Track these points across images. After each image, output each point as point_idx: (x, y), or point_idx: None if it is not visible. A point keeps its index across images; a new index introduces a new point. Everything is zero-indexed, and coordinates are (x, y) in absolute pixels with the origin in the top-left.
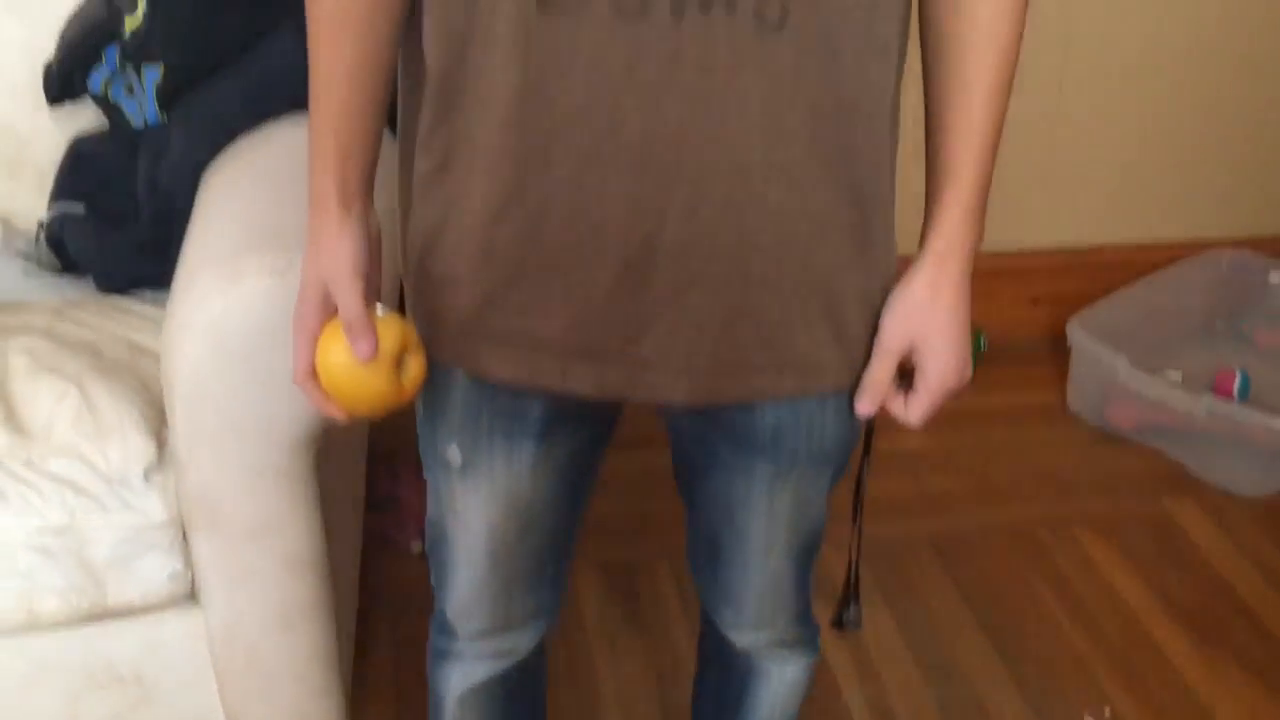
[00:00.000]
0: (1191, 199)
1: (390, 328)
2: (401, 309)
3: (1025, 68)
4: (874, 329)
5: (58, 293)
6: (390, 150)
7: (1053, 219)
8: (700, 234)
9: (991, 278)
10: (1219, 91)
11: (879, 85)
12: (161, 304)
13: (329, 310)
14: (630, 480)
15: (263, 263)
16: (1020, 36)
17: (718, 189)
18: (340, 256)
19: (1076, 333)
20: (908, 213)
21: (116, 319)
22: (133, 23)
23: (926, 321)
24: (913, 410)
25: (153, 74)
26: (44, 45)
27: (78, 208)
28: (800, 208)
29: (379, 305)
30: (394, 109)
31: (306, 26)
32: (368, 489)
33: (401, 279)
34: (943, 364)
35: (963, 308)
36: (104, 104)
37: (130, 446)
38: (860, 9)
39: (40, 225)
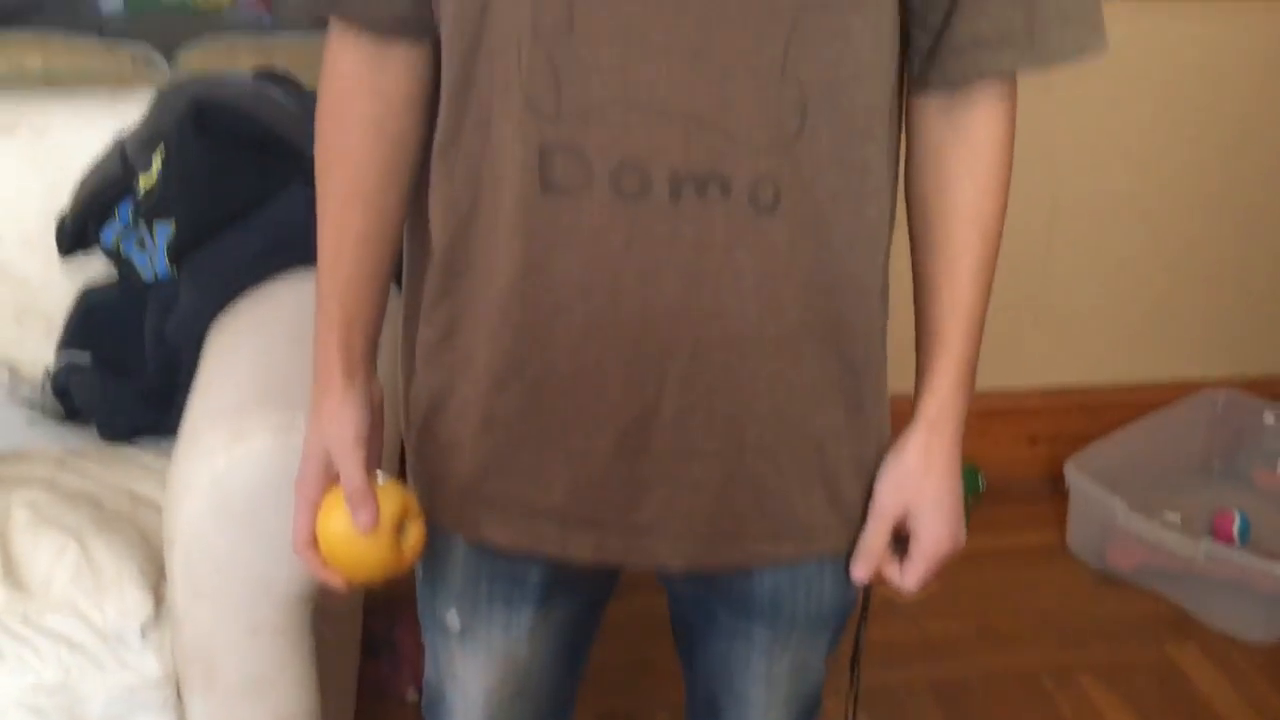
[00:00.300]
0: (1183, 340)
1: (391, 496)
2: (402, 469)
3: (1015, 212)
4: (869, 494)
5: (61, 441)
6: (394, 304)
7: (1047, 359)
8: (697, 404)
9: (988, 417)
10: (1207, 235)
11: (869, 261)
12: (163, 453)
13: (330, 478)
14: (627, 627)
15: (266, 420)
16: (1003, 214)
17: (714, 361)
18: (343, 425)
19: (1074, 475)
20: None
21: (118, 469)
22: (147, 181)
23: (920, 490)
24: (908, 576)
25: (164, 230)
26: (59, 197)
27: (84, 357)
28: (795, 378)
29: (379, 473)
30: (399, 264)
31: (316, 194)
32: (364, 634)
33: (403, 437)
34: (936, 531)
35: (955, 474)
36: (115, 257)
37: (128, 602)
38: (849, 193)
39: (46, 373)
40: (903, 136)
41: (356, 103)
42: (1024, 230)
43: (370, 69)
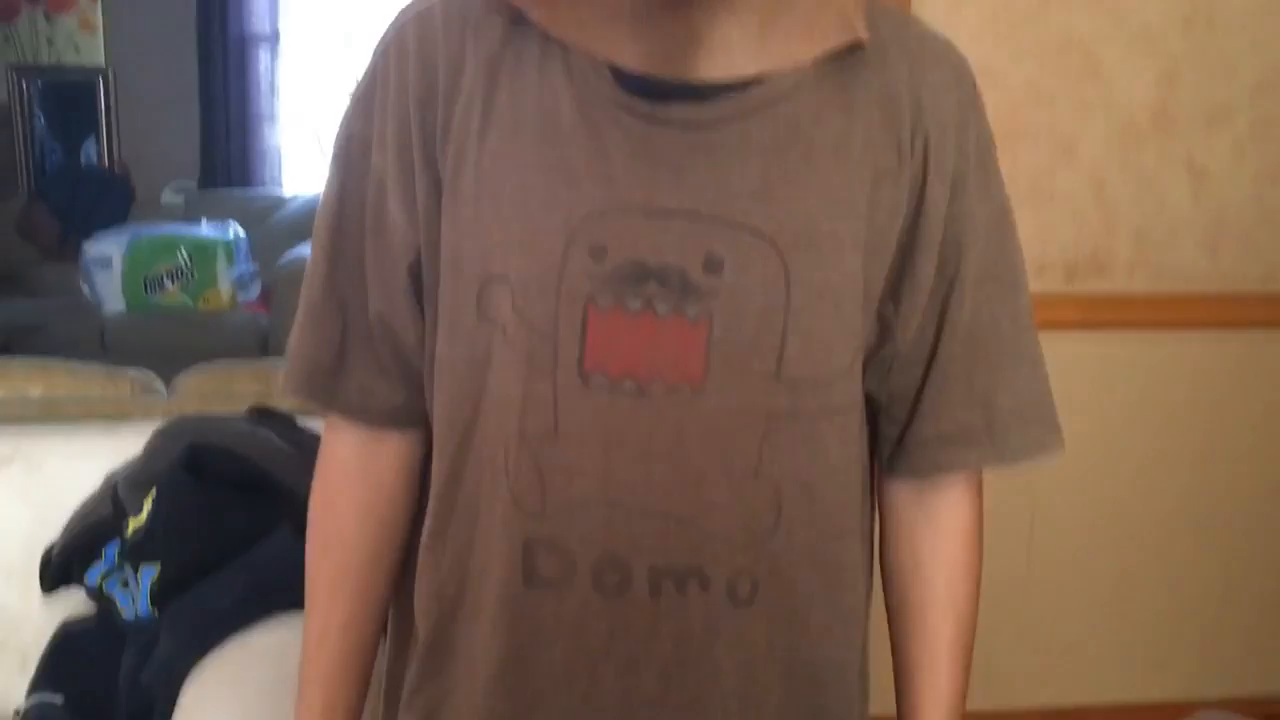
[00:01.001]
0: (1171, 659)
1: None
2: None
3: (993, 529)
4: None
5: None
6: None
7: (1036, 680)
8: None
9: None
10: (1188, 553)
11: (846, 647)
12: None
13: None
14: None
15: None
16: (976, 594)
17: None
18: None
19: None
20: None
21: None
22: (135, 523)
23: None
24: None
25: (149, 572)
26: (45, 528)
27: (56, 698)
28: None
29: None
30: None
31: (305, 575)
32: None
33: None
34: None
35: None
36: (98, 596)
37: None
38: (825, 584)
39: (16, 714)
40: (875, 518)
41: (349, 488)
42: (1003, 547)
43: (363, 457)
